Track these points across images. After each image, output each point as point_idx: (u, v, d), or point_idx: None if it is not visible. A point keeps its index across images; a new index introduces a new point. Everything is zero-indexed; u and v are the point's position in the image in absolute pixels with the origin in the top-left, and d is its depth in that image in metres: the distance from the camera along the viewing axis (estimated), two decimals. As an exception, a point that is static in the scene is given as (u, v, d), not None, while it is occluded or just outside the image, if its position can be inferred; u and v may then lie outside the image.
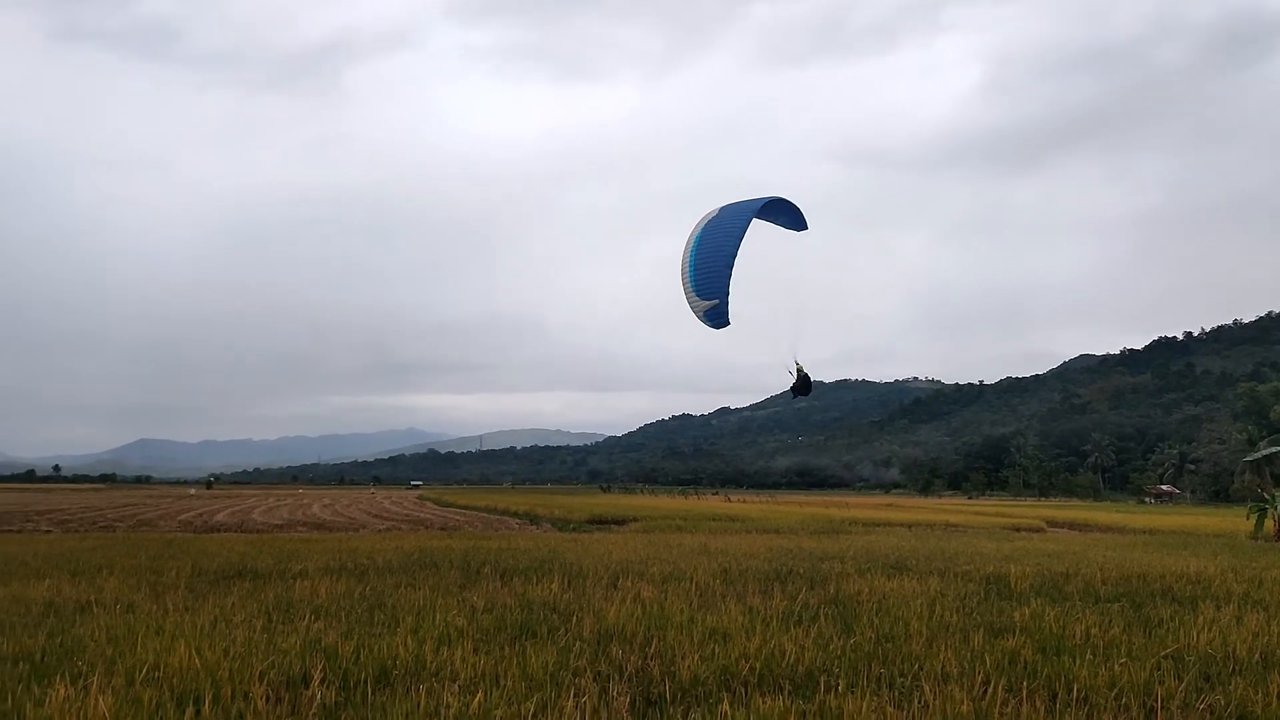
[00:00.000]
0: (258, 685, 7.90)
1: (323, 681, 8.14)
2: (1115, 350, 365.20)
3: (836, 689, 8.08)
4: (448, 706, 7.24)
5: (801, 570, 19.60)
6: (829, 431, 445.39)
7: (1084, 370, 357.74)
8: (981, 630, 11.47)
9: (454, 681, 8.26)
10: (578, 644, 10.16)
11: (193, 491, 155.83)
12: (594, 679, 8.53)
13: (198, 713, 7.05)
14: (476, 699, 7.40)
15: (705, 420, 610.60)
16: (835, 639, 10.62)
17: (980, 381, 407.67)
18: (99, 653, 9.33)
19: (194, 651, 8.94)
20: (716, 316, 23.26)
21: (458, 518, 57.45)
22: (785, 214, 24.93)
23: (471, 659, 9.18)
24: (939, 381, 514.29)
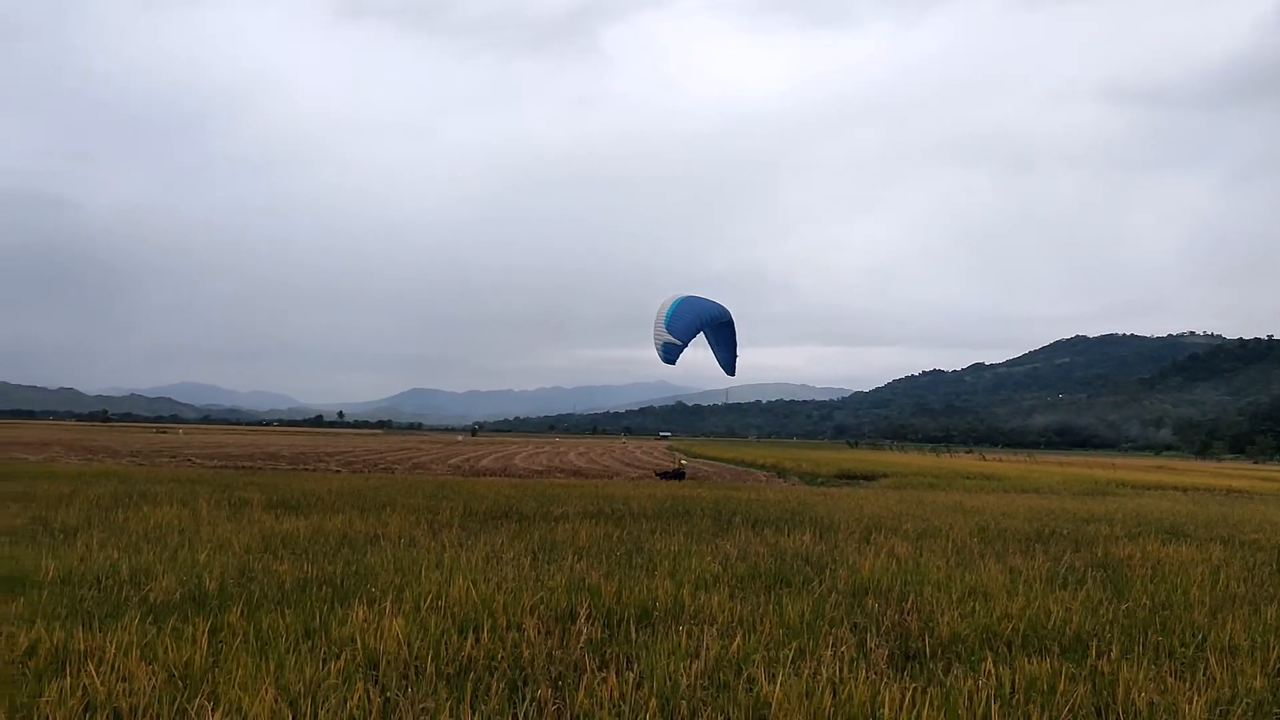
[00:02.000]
0: (529, 618, 8.39)
1: (588, 618, 8.54)
2: None
3: (1109, 655, 7.70)
4: (708, 648, 7.43)
5: (1064, 531, 18.74)
6: (1092, 389, 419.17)
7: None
8: (1276, 603, 10.58)
9: (712, 625, 8.47)
10: (833, 595, 10.17)
11: (459, 438, 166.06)
12: (850, 630, 8.52)
13: (477, 640, 7.56)
14: (735, 642, 7.56)
15: (958, 376, 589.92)
16: (1105, 604, 10.10)
17: (1270, 336, 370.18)
18: (388, 581, 10.18)
19: (471, 584, 9.61)
20: (672, 350, 26.74)
21: (706, 468, 58.38)
22: (725, 347, 29.43)
23: (728, 604, 9.38)
24: (1219, 336, 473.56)
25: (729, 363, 30.81)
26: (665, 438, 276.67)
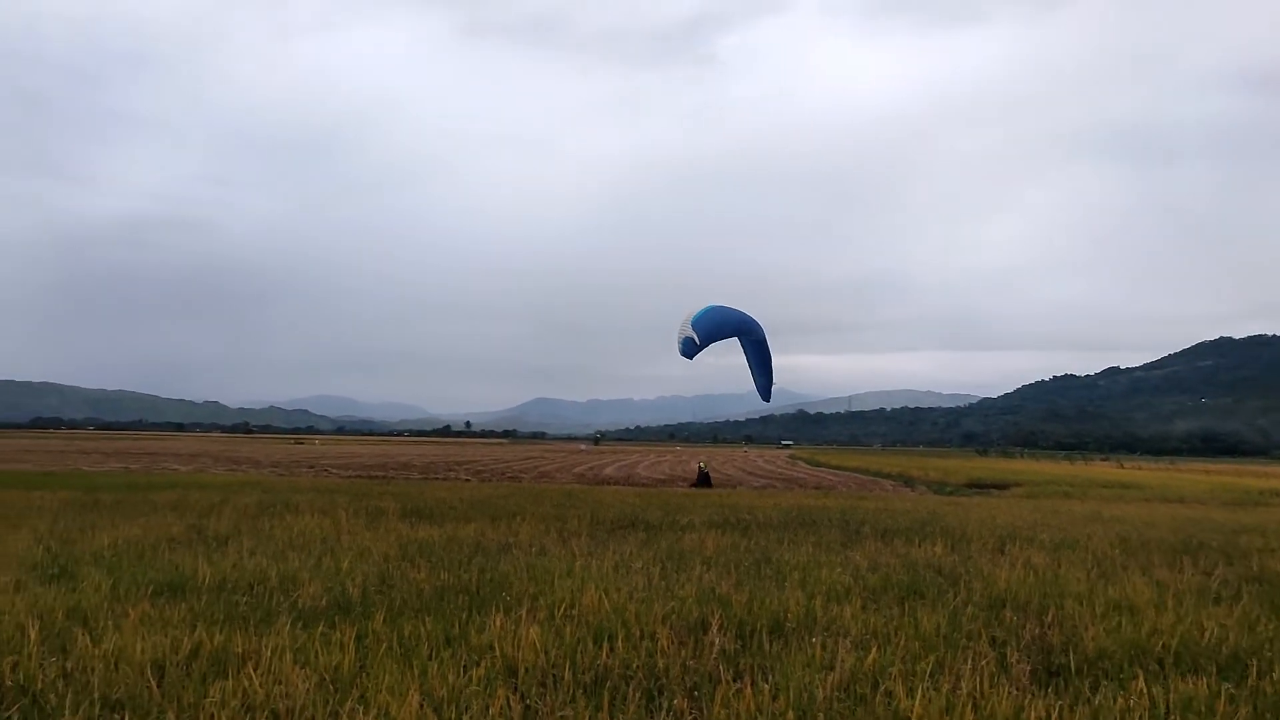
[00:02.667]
0: (662, 628, 8.44)
1: (720, 629, 8.55)
2: None
3: (1271, 675, 7.32)
4: (842, 661, 7.36)
5: (1214, 543, 17.90)
6: (1239, 393, 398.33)
7: None
8: None
9: (845, 637, 8.37)
10: (969, 608, 9.94)
11: (582, 447, 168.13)
12: (989, 644, 8.32)
13: (612, 649, 7.65)
14: (871, 656, 7.47)
15: (1091, 381, 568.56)
16: (1265, 621, 9.61)
17: None
18: (522, 589, 10.39)
19: (603, 593, 9.73)
20: (691, 347, 27.85)
21: (830, 478, 57.64)
22: (759, 368, 30.62)
23: (860, 616, 9.28)
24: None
25: (765, 388, 31.17)
26: (787, 446, 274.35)
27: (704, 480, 45.79)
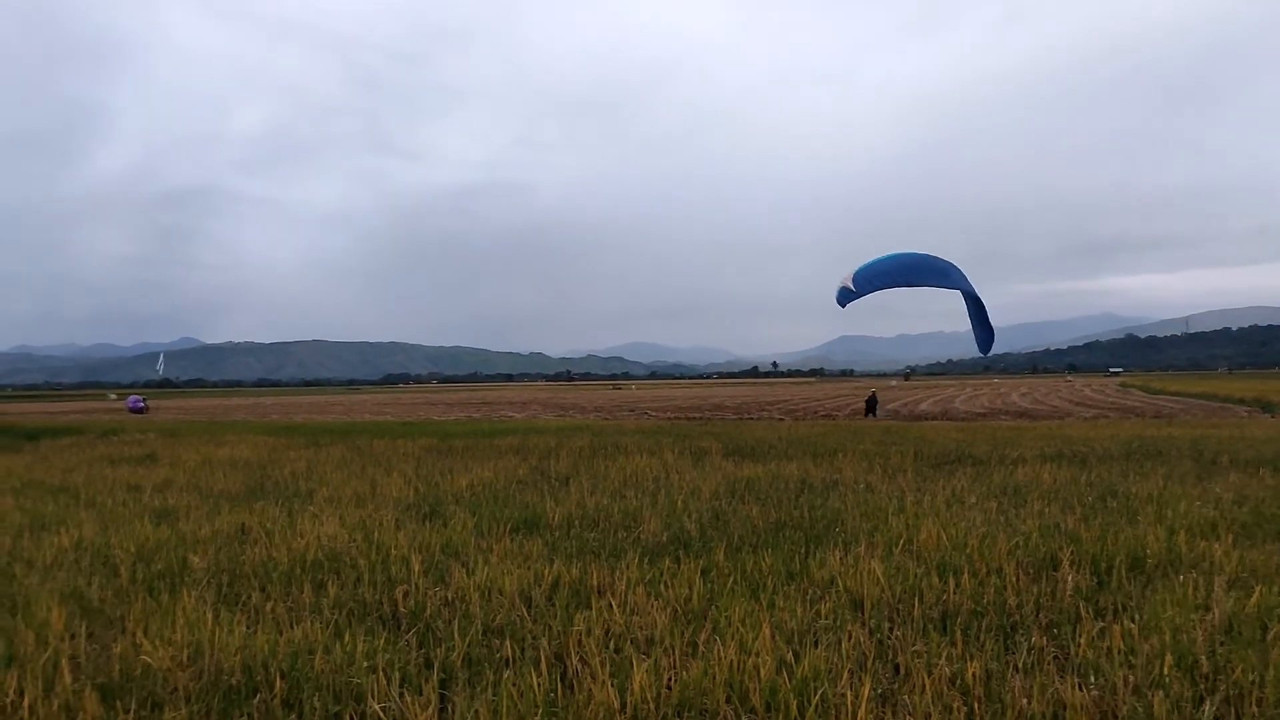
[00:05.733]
0: (1008, 563, 8.13)
1: (1071, 565, 8.12)
2: None
3: None
4: (1219, 601, 6.78)
5: None
6: None
7: None
8: None
9: (1219, 575, 7.70)
10: (1371, 547, 8.85)
11: (893, 383, 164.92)
12: (1401, 586, 7.36)
13: (957, 585, 7.46)
14: (1254, 596, 6.83)
15: None
16: None
17: None
18: (856, 526, 10.34)
19: (940, 529, 9.50)
20: (845, 296, 27.47)
21: (1171, 405, 53.14)
22: (978, 322, 28.41)
23: (1233, 553, 8.50)
24: None
25: (983, 340, 28.43)
26: (1116, 374, 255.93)
27: (871, 405, 45.51)
